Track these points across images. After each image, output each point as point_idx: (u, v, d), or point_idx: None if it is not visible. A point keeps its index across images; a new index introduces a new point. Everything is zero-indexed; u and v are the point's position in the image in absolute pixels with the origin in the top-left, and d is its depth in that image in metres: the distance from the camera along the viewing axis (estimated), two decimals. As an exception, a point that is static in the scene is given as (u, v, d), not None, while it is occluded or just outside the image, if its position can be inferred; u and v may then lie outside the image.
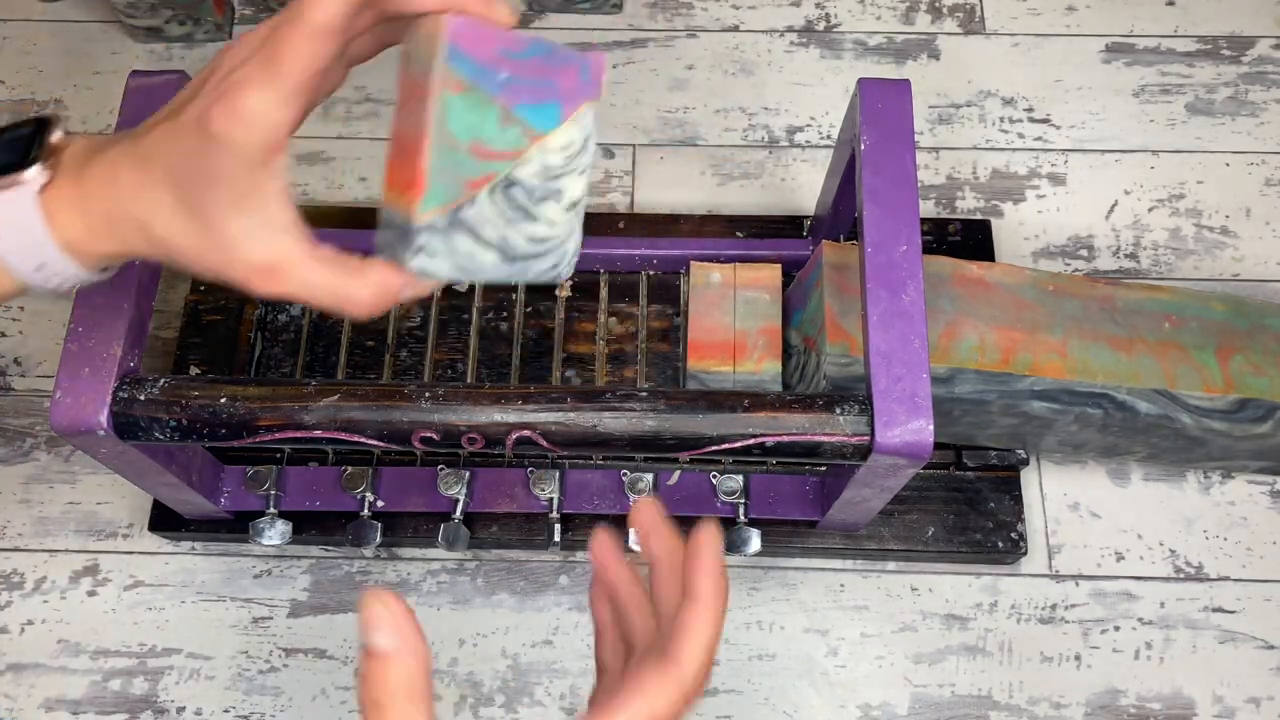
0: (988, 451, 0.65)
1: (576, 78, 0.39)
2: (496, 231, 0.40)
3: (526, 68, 0.38)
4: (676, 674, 0.35)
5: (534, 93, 0.38)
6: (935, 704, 0.63)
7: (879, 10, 0.83)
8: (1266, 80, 0.80)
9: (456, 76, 0.37)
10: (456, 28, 0.37)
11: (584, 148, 0.40)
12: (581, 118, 0.40)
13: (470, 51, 0.37)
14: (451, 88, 0.37)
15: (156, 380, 0.49)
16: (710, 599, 0.36)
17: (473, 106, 0.37)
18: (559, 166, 0.40)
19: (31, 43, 0.82)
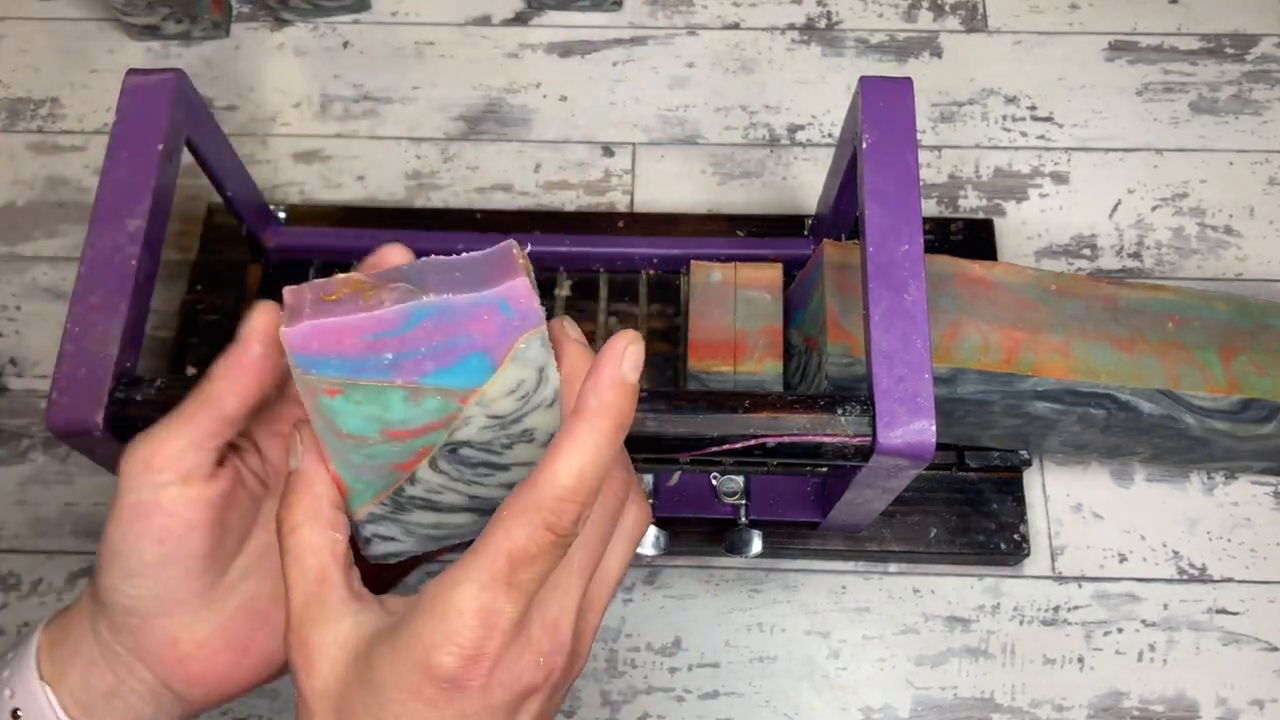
0: (990, 452, 0.65)
1: (495, 318, 0.31)
2: (459, 494, 0.35)
3: (418, 338, 0.31)
4: (534, 500, 0.30)
5: (440, 357, 0.32)
6: (937, 706, 0.63)
7: (881, 8, 0.83)
8: (1270, 79, 0.80)
9: (326, 380, 0.32)
10: (297, 339, 0.31)
11: (540, 380, 0.33)
12: (523, 354, 0.32)
13: (331, 353, 0.31)
14: (326, 392, 0.32)
15: (153, 381, 0.49)
16: (591, 414, 0.30)
17: (364, 399, 0.32)
18: (514, 410, 0.33)
19: (28, 40, 0.82)
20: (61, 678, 0.36)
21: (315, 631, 0.32)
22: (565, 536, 0.30)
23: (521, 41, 0.82)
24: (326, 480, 0.34)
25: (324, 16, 0.82)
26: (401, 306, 0.31)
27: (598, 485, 0.30)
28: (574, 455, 0.30)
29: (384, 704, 0.30)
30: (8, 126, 0.79)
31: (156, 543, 0.34)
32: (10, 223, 0.76)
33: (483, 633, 0.29)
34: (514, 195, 0.76)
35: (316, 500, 0.34)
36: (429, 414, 0.33)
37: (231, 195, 0.62)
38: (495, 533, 0.30)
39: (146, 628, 0.36)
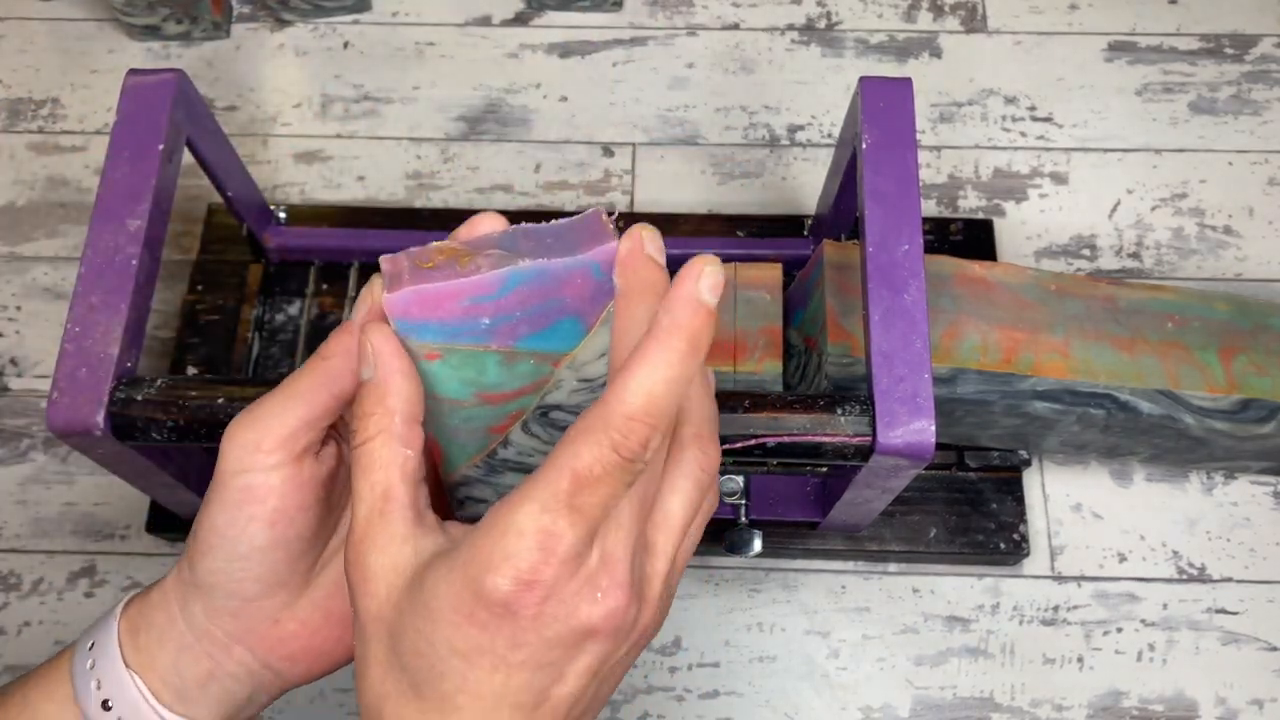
0: (990, 452, 0.65)
1: (588, 282, 0.32)
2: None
3: (512, 302, 0.32)
4: (602, 418, 0.28)
5: (534, 321, 0.32)
6: (937, 706, 0.63)
7: (880, 8, 0.83)
8: (1269, 79, 0.80)
9: (426, 345, 0.32)
10: (399, 304, 0.32)
11: None
12: (614, 317, 0.32)
13: (428, 317, 0.32)
14: (425, 357, 0.32)
15: (154, 381, 0.49)
16: (664, 332, 0.29)
17: (460, 364, 0.33)
18: (604, 374, 0.34)
19: (28, 41, 0.82)
20: (150, 665, 0.35)
21: (374, 553, 0.31)
22: (633, 461, 0.29)
23: (521, 42, 0.82)
24: (401, 392, 0.32)
25: (324, 17, 0.82)
26: (499, 272, 0.31)
27: (670, 408, 0.29)
28: (643, 374, 0.29)
29: (436, 628, 0.29)
30: (8, 126, 0.79)
31: (268, 526, 0.34)
32: (10, 223, 0.76)
33: (540, 556, 0.28)
34: (514, 195, 0.76)
35: (389, 413, 0.32)
36: (522, 378, 0.33)
37: (232, 195, 0.62)
38: (561, 452, 0.29)
39: (248, 609, 0.35)
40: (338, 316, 0.69)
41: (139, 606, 0.37)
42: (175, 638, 0.36)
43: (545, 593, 0.29)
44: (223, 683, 0.36)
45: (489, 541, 0.29)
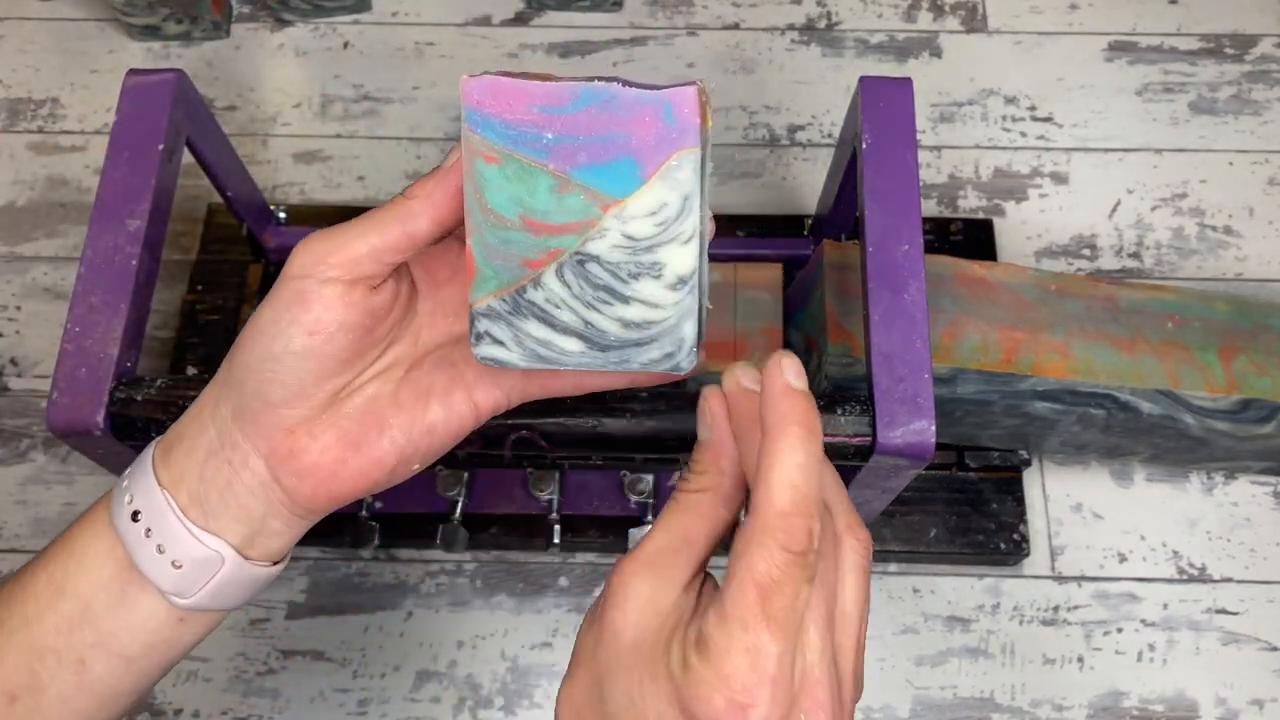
0: (990, 452, 0.65)
1: (656, 124, 0.32)
2: (576, 316, 0.35)
3: (579, 123, 0.32)
4: (759, 526, 0.30)
5: (595, 151, 0.32)
6: (937, 706, 0.63)
7: (880, 8, 0.83)
8: (1270, 79, 0.80)
9: (487, 144, 0.32)
10: (475, 89, 0.32)
11: (684, 210, 0.33)
12: (673, 172, 0.32)
13: (499, 114, 0.32)
14: (484, 157, 0.33)
15: (154, 381, 0.49)
16: (776, 429, 0.30)
17: (514, 176, 0.33)
18: (651, 236, 0.33)
19: (28, 41, 0.82)
20: (179, 480, 0.37)
21: (648, 581, 0.32)
22: (804, 554, 0.29)
23: (522, 42, 0.82)
24: (732, 455, 0.34)
25: (324, 17, 0.82)
26: (572, 84, 0.32)
27: (815, 493, 0.30)
28: (779, 470, 0.30)
29: (647, 701, 0.30)
30: (8, 126, 0.79)
31: (307, 333, 0.35)
32: (10, 223, 0.76)
33: (753, 676, 0.29)
34: (514, 195, 0.76)
35: (722, 474, 0.34)
36: (569, 213, 0.33)
37: (232, 195, 0.62)
38: (736, 571, 0.29)
39: (269, 413, 0.36)
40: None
41: (177, 427, 0.39)
42: (204, 445, 0.37)
43: (756, 716, 0.29)
44: (239, 495, 0.37)
45: (705, 662, 0.29)
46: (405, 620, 0.65)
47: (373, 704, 0.63)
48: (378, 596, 0.66)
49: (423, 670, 0.64)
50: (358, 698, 0.63)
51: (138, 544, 0.37)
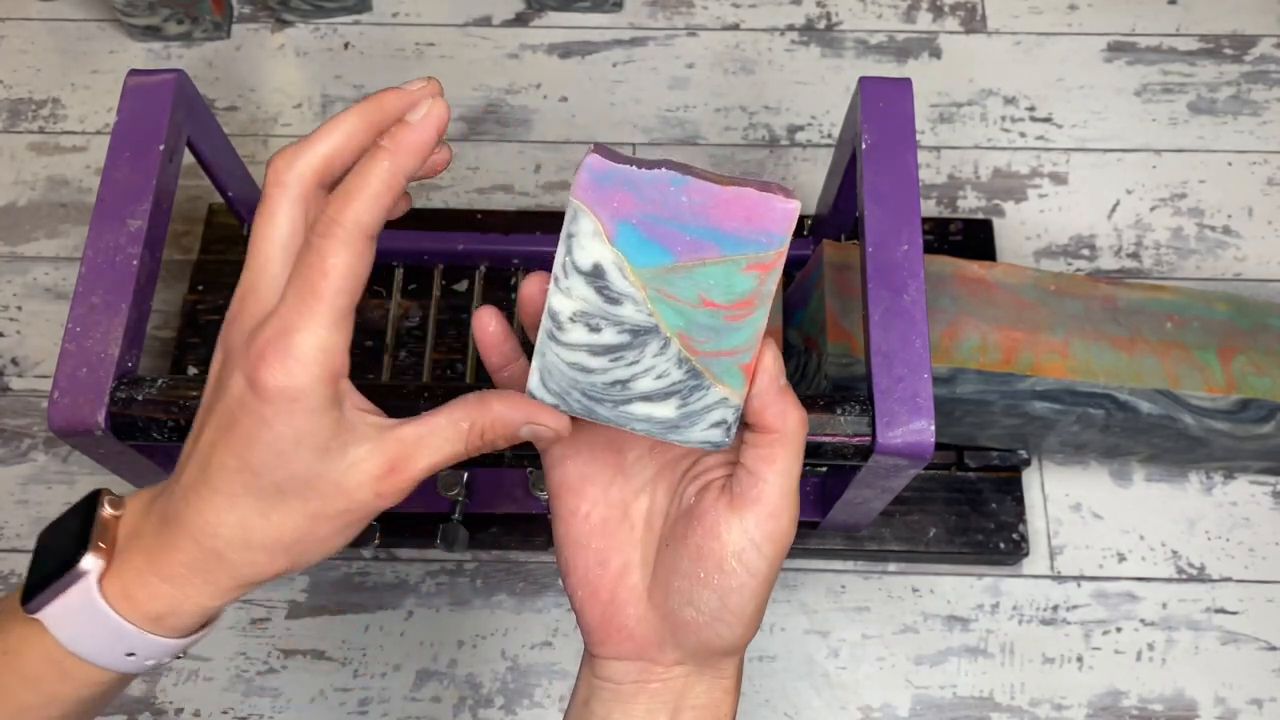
0: (989, 452, 0.65)
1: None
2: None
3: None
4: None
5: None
6: (937, 705, 0.63)
7: (880, 9, 0.83)
8: (1269, 79, 0.80)
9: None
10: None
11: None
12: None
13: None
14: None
15: (154, 380, 0.49)
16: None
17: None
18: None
19: (29, 41, 0.82)
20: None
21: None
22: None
23: (522, 42, 0.82)
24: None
25: (325, 17, 0.82)
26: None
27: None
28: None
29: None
30: (9, 127, 0.79)
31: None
32: (11, 223, 0.76)
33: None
34: (514, 195, 0.76)
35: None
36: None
37: (232, 195, 0.62)
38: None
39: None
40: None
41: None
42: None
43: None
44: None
45: None
46: (406, 619, 0.65)
47: (373, 703, 0.63)
48: (378, 596, 0.66)
49: (423, 669, 0.64)
50: (358, 697, 0.63)
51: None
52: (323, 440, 0.33)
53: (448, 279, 0.70)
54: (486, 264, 0.70)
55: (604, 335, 0.34)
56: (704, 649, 0.37)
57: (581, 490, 0.39)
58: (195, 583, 0.35)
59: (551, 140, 0.78)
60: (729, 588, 0.36)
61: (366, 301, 0.70)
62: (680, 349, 0.34)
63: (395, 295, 0.69)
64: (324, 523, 0.35)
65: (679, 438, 0.36)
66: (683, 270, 0.33)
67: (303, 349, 0.32)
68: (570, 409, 0.36)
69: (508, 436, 0.36)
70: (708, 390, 0.35)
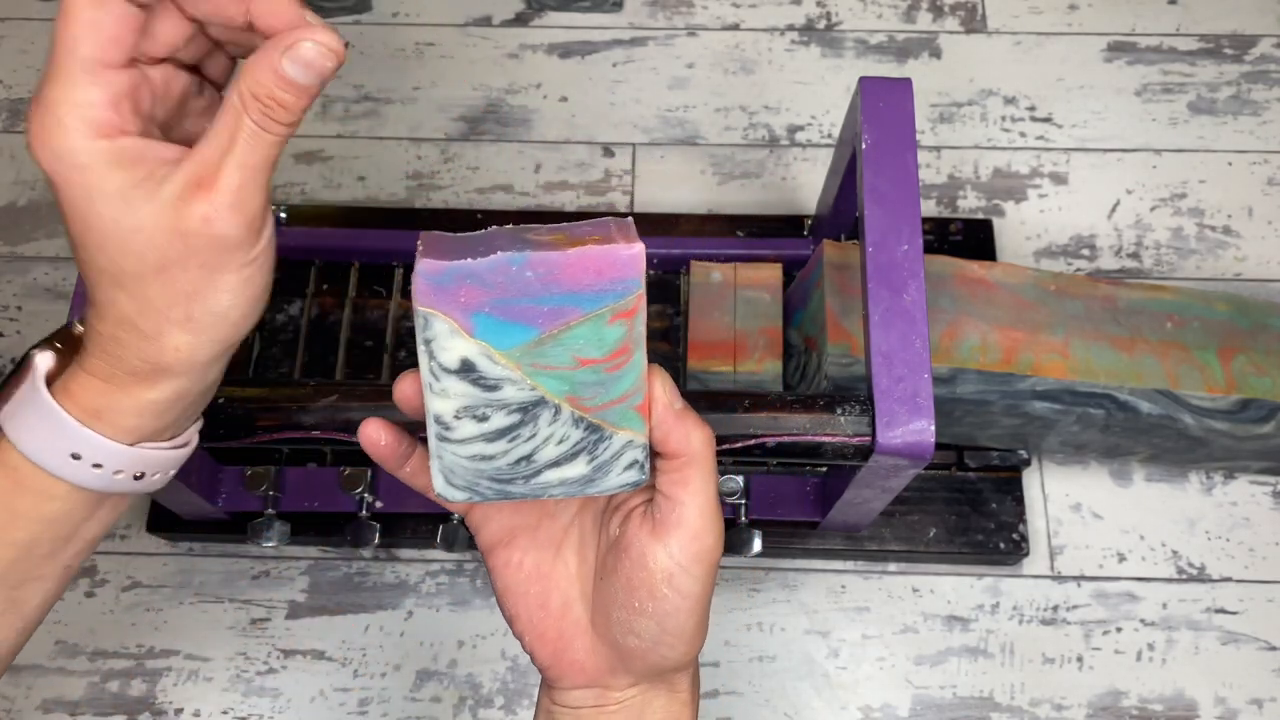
0: (989, 452, 0.65)
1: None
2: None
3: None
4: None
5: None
6: (937, 705, 0.63)
7: (880, 9, 0.83)
8: (1269, 79, 0.80)
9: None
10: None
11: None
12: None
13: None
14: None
15: (154, 380, 0.49)
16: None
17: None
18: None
19: (29, 41, 0.82)
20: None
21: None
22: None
23: (522, 42, 0.82)
24: None
25: (325, 18, 0.82)
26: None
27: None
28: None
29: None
30: (9, 126, 0.79)
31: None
32: (11, 223, 0.76)
33: None
34: (514, 196, 0.76)
35: None
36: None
37: (232, 195, 0.62)
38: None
39: None
40: (338, 317, 0.69)
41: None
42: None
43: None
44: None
45: None
46: (406, 620, 0.65)
47: (373, 703, 0.63)
48: (378, 596, 0.66)
49: (423, 670, 0.64)
50: (358, 697, 0.63)
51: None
52: (117, 191, 0.33)
53: (448, 279, 0.70)
54: (486, 264, 0.70)
55: (494, 421, 0.34)
56: (652, 670, 0.38)
57: (511, 541, 0.39)
58: (115, 374, 0.35)
59: (551, 140, 0.78)
60: (665, 612, 0.36)
61: (366, 301, 0.70)
62: (573, 410, 0.35)
63: (395, 295, 0.69)
64: (180, 274, 0.34)
65: (598, 489, 0.36)
66: (550, 340, 0.33)
67: (55, 113, 0.32)
68: (484, 497, 0.36)
69: (276, 77, 0.34)
70: (611, 439, 0.35)
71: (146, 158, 0.34)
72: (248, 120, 0.33)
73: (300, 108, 0.34)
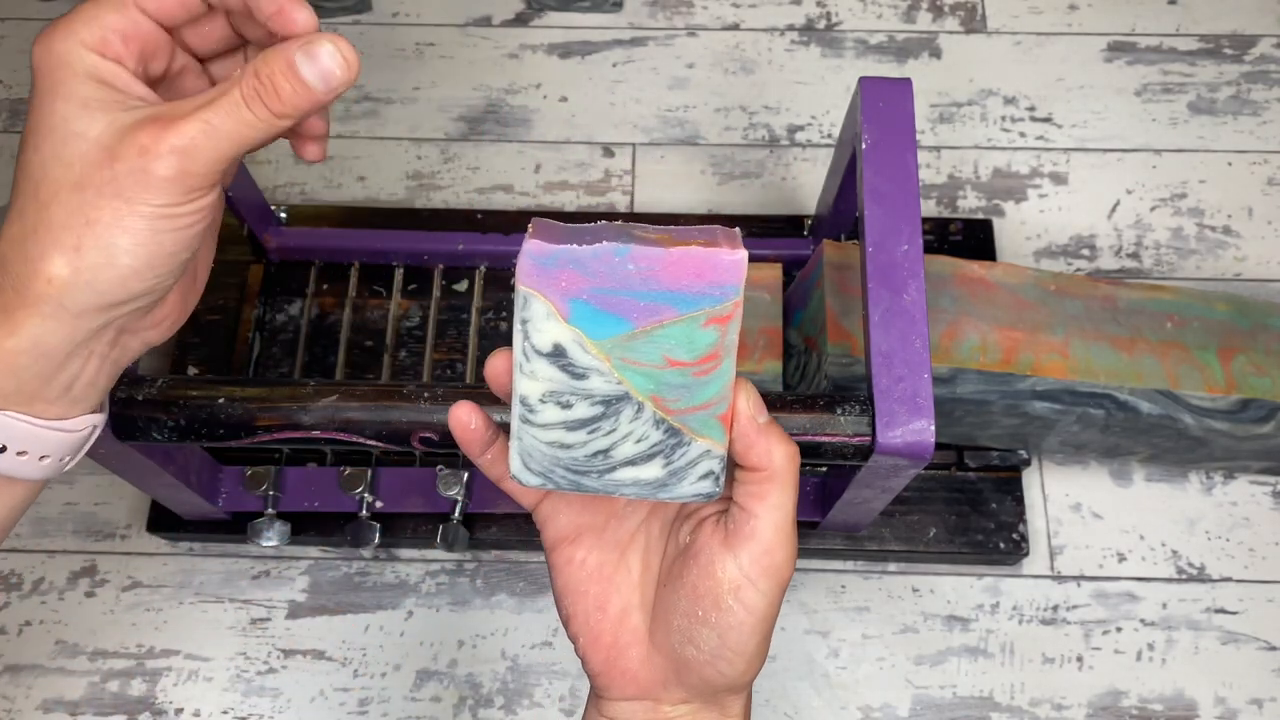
0: (989, 452, 0.65)
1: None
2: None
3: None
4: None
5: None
6: (937, 705, 0.63)
7: (880, 9, 0.83)
8: (1269, 79, 0.80)
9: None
10: None
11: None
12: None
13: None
14: None
15: (155, 380, 0.49)
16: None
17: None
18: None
19: (29, 41, 0.82)
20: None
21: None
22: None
23: (522, 42, 0.82)
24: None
25: (325, 17, 0.82)
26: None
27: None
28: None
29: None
30: (9, 126, 0.79)
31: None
32: (11, 223, 0.76)
33: None
34: (514, 196, 0.76)
35: None
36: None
37: (232, 195, 0.62)
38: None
39: None
40: (338, 316, 0.69)
41: None
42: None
43: None
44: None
45: None
46: (406, 619, 0.65)
47: (373, 703, 0.63)
48: (378, 596, 0.66)
49: (423, 669, 0.64)
50: (358, 697, 0.63)
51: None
52: (82, 98, 0.33)
53: (448, 279, 0.70)
54: (486, 264, 0.70)
55: (577, 410, 0.35)
56: (707, 687, 0.37)
57: (577, 539, 0.39)
58: (8, 308, 0.34)
59: (551, 140, 0.78)
60: (728, 625, 0.35)
61: (366, 301, 0.70)
62: (655, 411, 0.35)
63: (395, 295, 0.69)
64: (93, 196, 0.33)
65: (670, 495, 0.36)
66: (642, 335, 0.33)
67: (72, 21, 0.33)
68: (557, 485, 0.36)
69: (285, 63, 0.34)
70: (689, 445, 0.35)
71: (127, 89, 0.34)
72: (237, 90, 0.33)
73: (295, 105, 0.34)
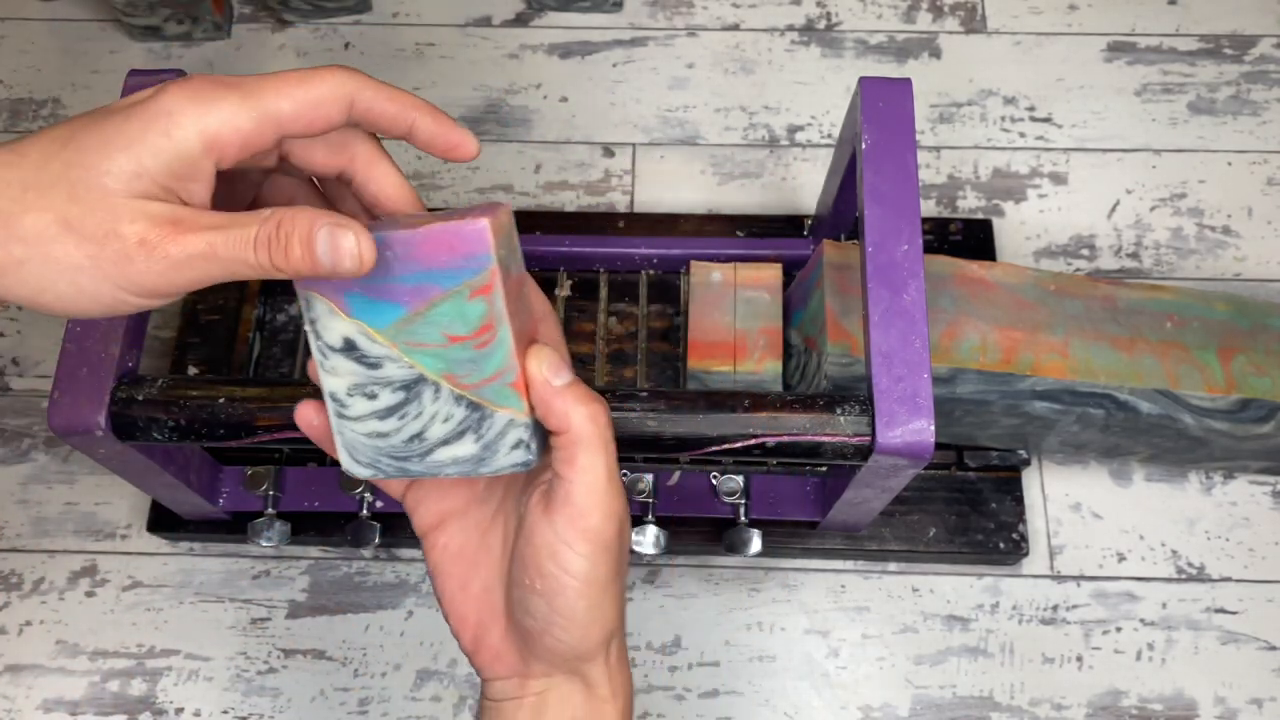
0: (989, 452, 0.65)
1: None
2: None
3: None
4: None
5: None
6: (936, 705, 0.63)
7: (880, 9, 0.83)
8: (1268, 79, 0.80)
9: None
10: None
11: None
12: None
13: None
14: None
15: (155, 380, 0.49)
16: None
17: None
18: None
19: (30, 41, 0.82)
20: None
21: None
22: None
23: (522, 42, 0.82)
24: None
25: (325, 18, 0.82)
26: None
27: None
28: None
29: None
30: (9, 127, 0.79)
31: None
32: (12, 223, 0.76)
33: None
34: (514, 195, 0.76)
35: None
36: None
37: (233, 195, 0.62)
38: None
39: None
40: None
41: None
42: None
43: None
44: None
45: None
46: (406, 619, 0.65)
47: (373, 703, 0.63)
48: (378, 595, 0.66)
49: (423, 669, 0.64)
50: (358, 697, 0.63)
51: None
52: (151, 168, 0.32)
53: (448, 279, 0.70)
54: (486, 264, 0.70)
55: (382, 399, 0.36)
56: (555, 657, 0.37)
57: (441, 525, 0.40)
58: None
59: (551, 140, 0.78)
60: (553, 591, 0.36)
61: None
62: (451, 389, 0.35)
63: (395, 295, 0.69)
64: (75, 239, 0.32)
65: (489, 469, 0.36)
66: (418, 318, 0.34)
67: (214, 93, 0.32)
68: (386, 475, 0.37)
69: (307, 230, 0.33)
70: (493, 417, 0.36)
71: (189, 198, 0.33)
72: (255, 229, 0.33)
73: (295, 268, 0.33)
